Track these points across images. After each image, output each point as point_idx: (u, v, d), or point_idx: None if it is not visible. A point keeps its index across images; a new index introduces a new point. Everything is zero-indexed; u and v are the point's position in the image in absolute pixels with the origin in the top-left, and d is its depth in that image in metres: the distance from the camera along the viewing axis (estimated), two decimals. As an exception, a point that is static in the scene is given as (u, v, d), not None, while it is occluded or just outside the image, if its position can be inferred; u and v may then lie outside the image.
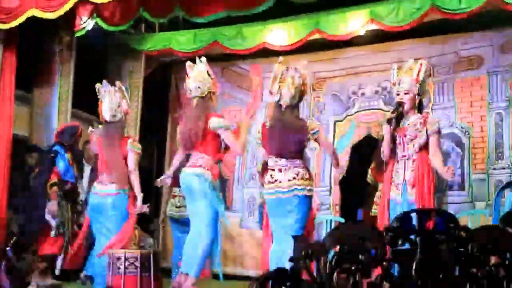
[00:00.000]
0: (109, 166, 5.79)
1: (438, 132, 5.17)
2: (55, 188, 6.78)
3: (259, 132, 5.32)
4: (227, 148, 5.60)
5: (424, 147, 5.15)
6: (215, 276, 7.48)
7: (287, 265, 2.34)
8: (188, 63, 5.65)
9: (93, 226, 5.97)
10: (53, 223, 6.78)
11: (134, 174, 5.85)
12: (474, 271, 2.31)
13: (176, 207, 6.69)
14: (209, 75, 5.58)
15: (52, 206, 6.72)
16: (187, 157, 5.70)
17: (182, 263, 5.47)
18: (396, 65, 5.44)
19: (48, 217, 6.79)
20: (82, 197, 7.19)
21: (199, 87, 5.51)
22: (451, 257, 2.30)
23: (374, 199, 6.77)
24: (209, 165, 5.40)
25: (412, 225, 2.33)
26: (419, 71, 5.20)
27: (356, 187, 7.39)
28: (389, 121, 5.15)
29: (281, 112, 5.18)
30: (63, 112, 8.02)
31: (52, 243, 6.76)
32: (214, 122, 5.40)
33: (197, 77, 5.54)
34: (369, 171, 7.03)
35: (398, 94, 5.23)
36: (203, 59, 5.63)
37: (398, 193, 5.11)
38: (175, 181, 6.02)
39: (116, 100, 5.91)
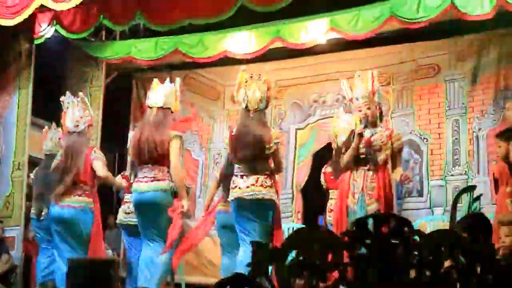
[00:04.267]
0: (65, 178, 5.71)
1: (402, 148, 5.30)
2: None
3: (226, 138, 5.32)
4: None
5: (385, 160, 5.25)
6: (177, 286, 7.48)
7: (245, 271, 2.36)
8: (155, 81, 5.49)
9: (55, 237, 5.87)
10: None
11: (108, 179, 5.83)
12: (428, 274, 2.36)
13: (126, 213, 6.60)
14: (176, 95, 5.43)
15: None
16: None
17: (139, 279, 5.33)
18: (345, 80, 5.51)
19: None
20: None
21: (162, 98, 5.33)
22: (406, 261, 2.35)
23: (328, 206, 6.77)
24: (170, 178, 5.30)
25: (368, 230, 2.36)
26: (372, 82, 5.28)
27: (318, 194, 7.44)
28: (360, 135, 5.18)
29: (248, 118, 5.20)
30: (22, 120, 7.93)
31: None
32: (172, 133, 5.21)
33: (165, 90, 5.38)
34: (322, 175, 7.05)
35: (360, 110, 5.27)
36: (178, 79, 5.54)
37: (354, 202, 5.17)
38: (127, 188, 5.98)
39: (78, 111, 5.86)
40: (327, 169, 6.91)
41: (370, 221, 2.39)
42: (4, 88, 8.10)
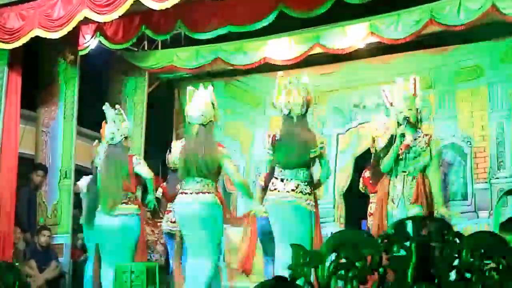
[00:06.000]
0: (109, 189, 5.85)
1: (440, 153, 5.28)
2: None
3: (269, 143, 5.36)
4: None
5: (425, 166, 5.27)
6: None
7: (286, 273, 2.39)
8: (189, 89, 5.48)
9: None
10: None
11: (152, 181, 5.96)
12: (469, 276, 2.37)
13: (171, 222, 6.71)
14: (212, 104, 5.39)
15: None
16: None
17: (188, 285, 5.30)
18: (386, 87, 5.53)
19: None
20: None
21: (202, 115, 5.31)
22: (446, 263, 2.36)
23: (368, 211, 6.80)
24: (215, 190, 5.35)
25: (407, 232, 2.38)
26: (415, 86, 5.28)
27: (360, 199, 7.43)
28: (402, 135, 5.20)
29: (292, 123, 5.24)
30: (69, 130, 8.11)
31: None
32: (222, 152, 5.28)
33: (201, 104, 5.35)
34: (361, 180, 7.09)
35: (401, 112, 5.28)
36: (210, 87, 5.46)
37: (394, 206, 5.18)
38: (171, 197, 6.05)
39: (115, 123, 5.98)
40: (366, 173, 6.95)
41: (409, 224, 2.41)
42: (50, 99, 8.30)
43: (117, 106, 6.17)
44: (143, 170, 5.88)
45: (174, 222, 6.63)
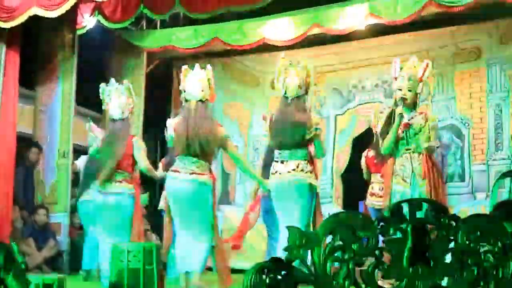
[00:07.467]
0: (105, 167, 5.84)
1: (436, 126, 5.28)
2: None
3: (266, 125, 5.37)
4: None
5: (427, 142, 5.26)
6: (209, 269, 7.58)
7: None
8: (184, 67, 5.47)
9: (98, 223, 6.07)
10: None
11: (150, 170, 5.93)
12: (464, 259, 2.38)
13: None
14: (209, 83, 5.38)
15: None
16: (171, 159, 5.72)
17: (181, 263, 5.30)
18: (399, 59, 5.45)
19: None
20: None
21: (202, 91, 5.30)
22: (442, 246, 2.37)
23: (369, 190, 6.85)
24: (209, 171, 5.34)
25: (403, 215, 2.39)
26: (424, 71, 5.25)
27: (358, 180, 7.44)
28: (401, 116, 5.20)
29: (286, 104, 5.24)
30: (66, 109, 8.09)
31: None
32: (222, 132, 5.31)
33: (199, 81, 5.33)
34: (363, 159, 7.08)
35: (400, 89, 5.25)
36: (208, 66, 5.43)
37: (407, 185, 5.17)
38: None
39: (124, 98, 5.96)
40: (369, 153, 6.97)
41: (406, 206, 2.42)
42: (48, 78, 8.27)
43: (125, 81, 6.13)
44: (140, 158, 5.83)
45: None
